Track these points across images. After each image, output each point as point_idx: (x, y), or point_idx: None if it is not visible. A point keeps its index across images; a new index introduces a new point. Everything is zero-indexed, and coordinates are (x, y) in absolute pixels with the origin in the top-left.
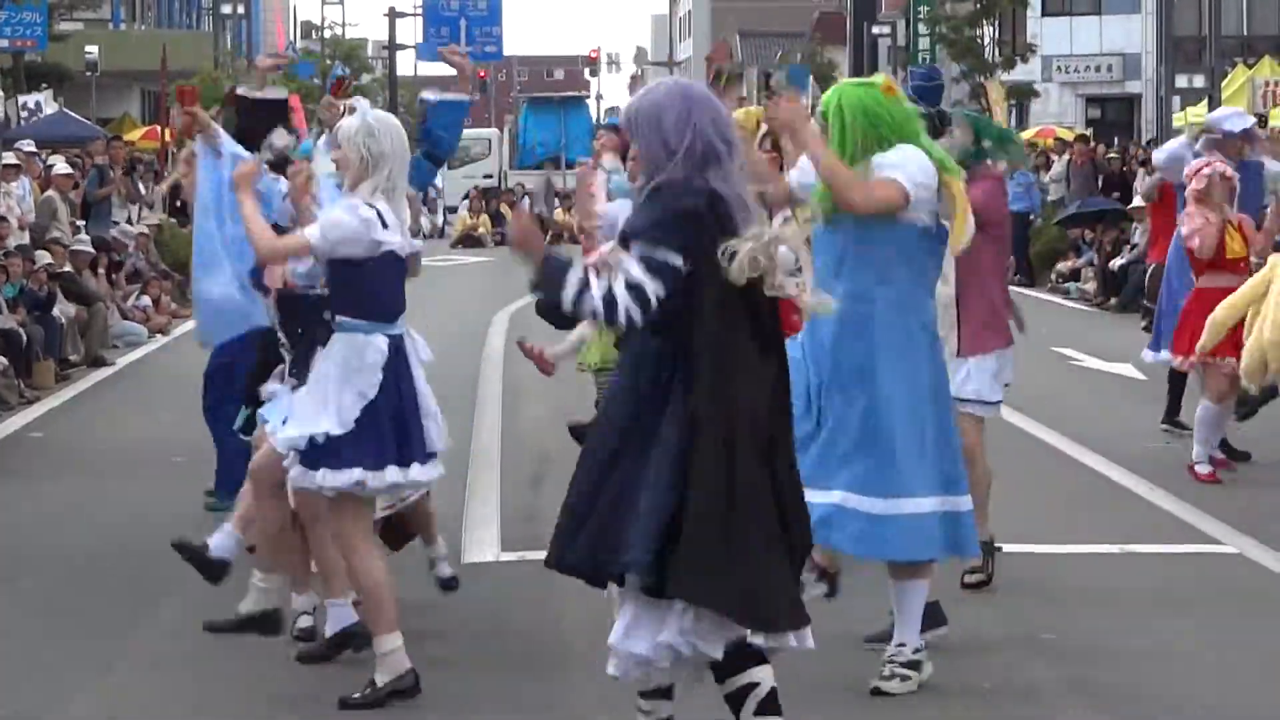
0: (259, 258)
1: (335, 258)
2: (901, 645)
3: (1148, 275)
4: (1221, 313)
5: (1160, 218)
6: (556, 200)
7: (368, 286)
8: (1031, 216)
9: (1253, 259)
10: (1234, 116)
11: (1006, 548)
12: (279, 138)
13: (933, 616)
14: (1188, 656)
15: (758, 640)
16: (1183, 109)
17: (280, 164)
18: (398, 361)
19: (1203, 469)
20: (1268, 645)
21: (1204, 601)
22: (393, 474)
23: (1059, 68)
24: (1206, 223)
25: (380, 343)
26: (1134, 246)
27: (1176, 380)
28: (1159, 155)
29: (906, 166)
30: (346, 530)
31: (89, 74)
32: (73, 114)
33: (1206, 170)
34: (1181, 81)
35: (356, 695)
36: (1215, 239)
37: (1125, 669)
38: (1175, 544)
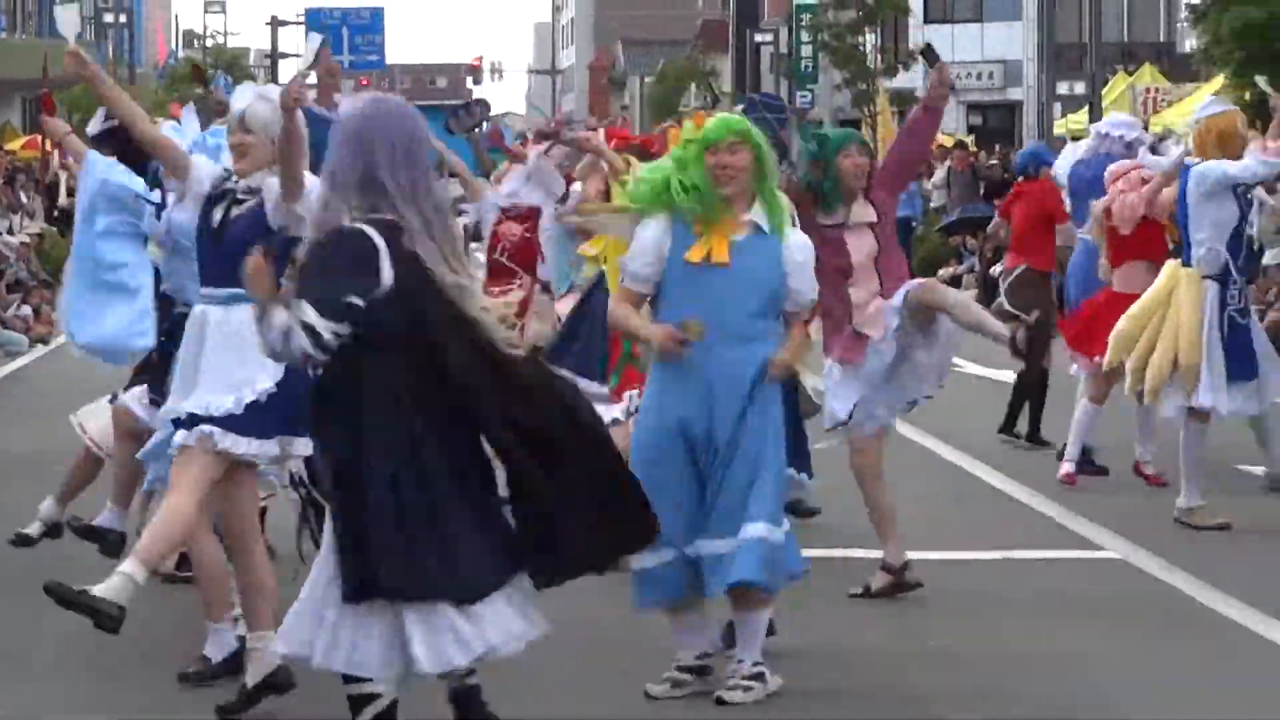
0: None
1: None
2: (741, 661)
3: (1012, 278)
4: (1126, 324)
5: (1025, 225)
6: None
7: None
8: (914, 224)
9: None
10: (1123, 125)
11: (875, 555)
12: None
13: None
14: (1073, 661)
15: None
16: (1064, 116)
17: None
18: None
19: (1068, 466)
20: (1151, 649)
21: (1087, 606)
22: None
23: None
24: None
25: None
26: None
27: (1022, 391)
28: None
29: (628, 265)
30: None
31: None
32: None
33: (1123, 182)
34: (1063, 88)
35: (232, 700)
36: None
37: (1010, 674)
38: (1057, 549)
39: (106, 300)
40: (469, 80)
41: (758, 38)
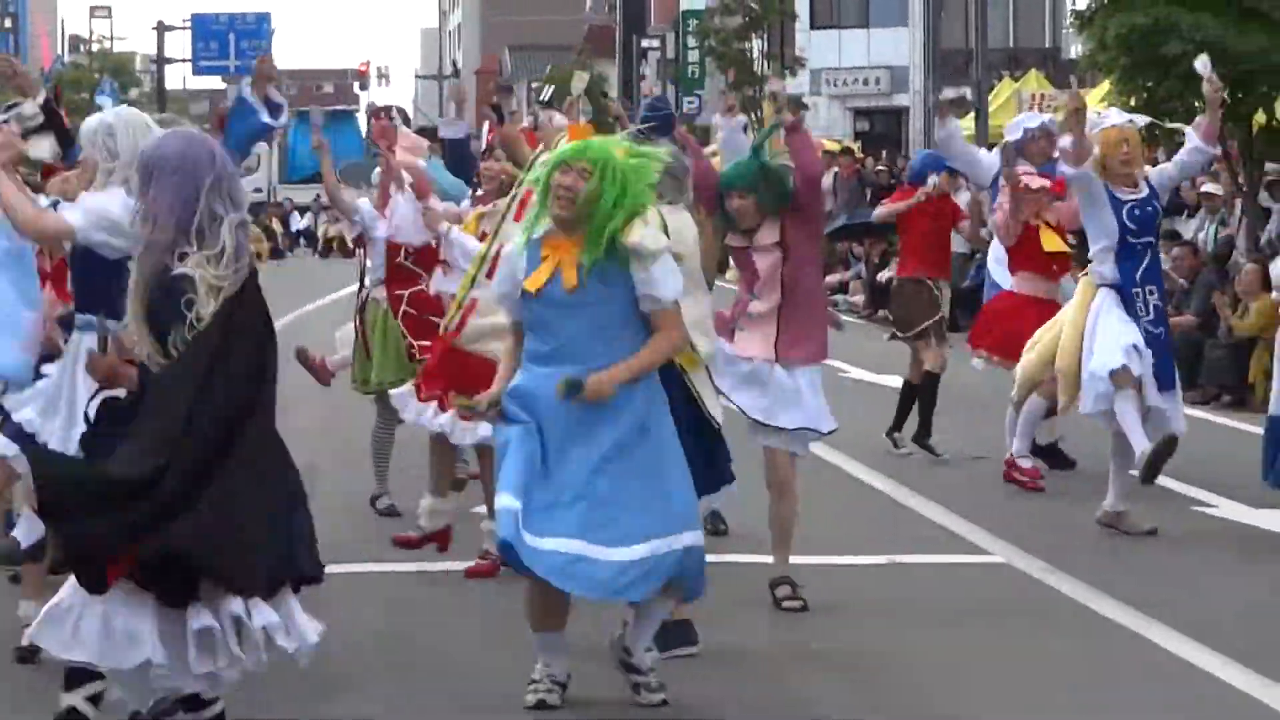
0: (19, 230)
1: (91, 247)
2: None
3: (892, 291)
4: (1064, 362)
5: (915, 232)
6: (325, 213)
7: (120, 282)
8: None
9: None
10: (1013, 125)
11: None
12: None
13: (684, 635)
14: (959, 665)
15: None
16: None
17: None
18: None
19: (1025, 462)
20: (1036, 653)
21: (972, 610)
22: None
23: (827, 80)
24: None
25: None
26: None
27: (909, 394)
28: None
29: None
30: None
31: None
32: None
33: (1029, 180)
34: (949, 94)
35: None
36: (1015, 228)
37: (899, 679)
38: (943, 554)
39: None
40: (356, 85)
41: (644, 43)
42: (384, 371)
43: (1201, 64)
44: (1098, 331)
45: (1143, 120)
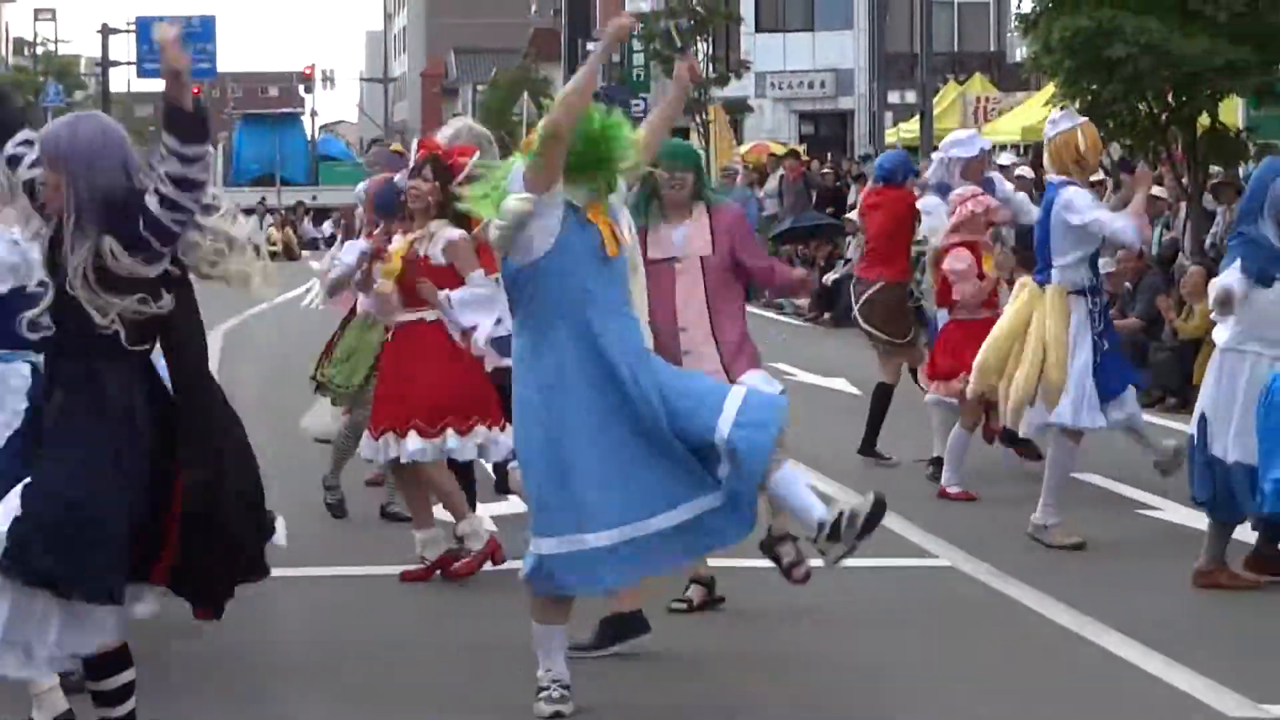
0: None
1: None
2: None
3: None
4: (990, 356)
5: (885, 236)
6: (270, 216)
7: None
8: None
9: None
10: (968, 141)
11: (714, 563)
12: None
13: (632, 625)
14: (902, 667)
15: None
16: (895, 125)
17: None
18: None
19: (954, 489)
20: (979, 656)
21: (918, 614)
22: None
23: (773, 83)
24: (969, 269)
25: (23, 369)
26: (848, 261)
27: (879, 406)
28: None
29: None
30: None
31: None
32: None
33: (972, 204)
34: (894, 98)
35: None
36: (979, 293)
37: (841, 683)
38: (888, 557)
39: None
40: (301, 89)
41: (589, 46)
42: (340, 372)
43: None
44: (1075, 371)
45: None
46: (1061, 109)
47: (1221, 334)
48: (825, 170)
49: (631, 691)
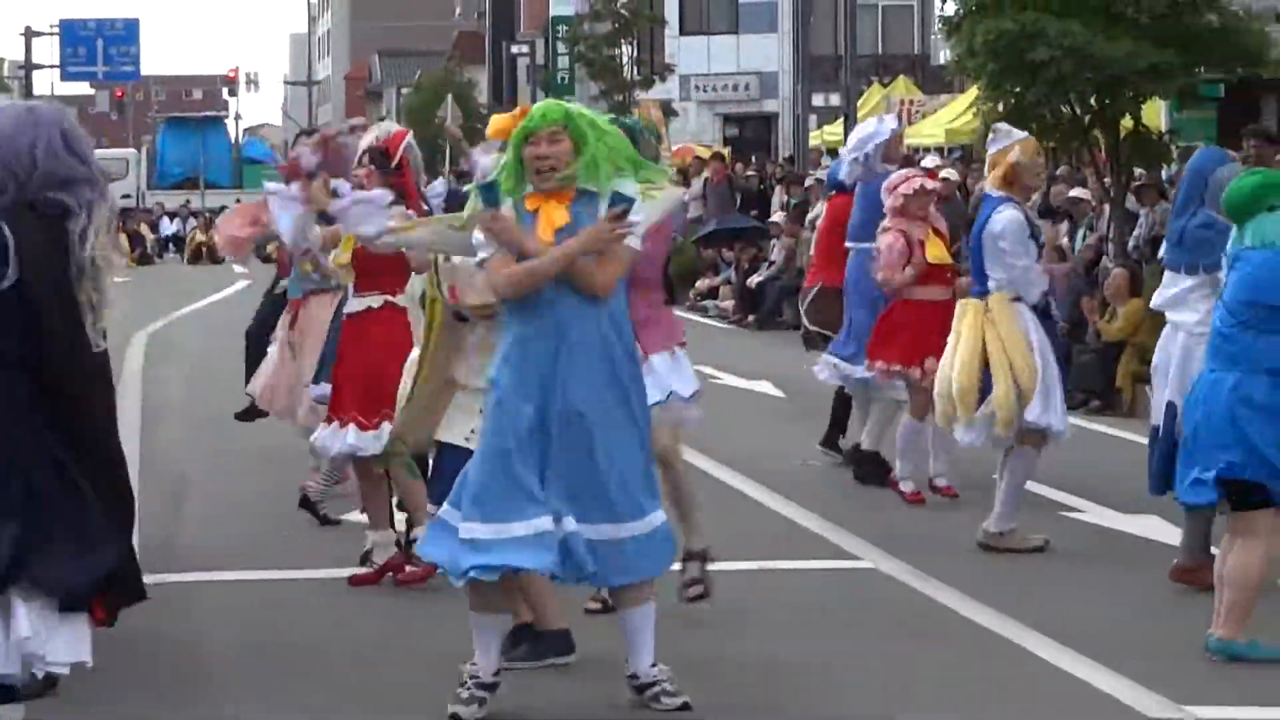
0: None
1: None
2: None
3: (812, 295)
4: (962, 380)
5: (827, 242)
6: (194, 219)
7: None
8: (674, 235)
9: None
10: (878, 128)
11: None
12: None
13: (560, 643)
14: (826, 669)
15: None
16: (819, 128)
17: None
18: None
19: (906, 487)
20: (903, 658)
21: (841, 615)
22: None
23: (697, 86)
24: (895, 240)
25: None
26: (772, 264)
27: (840, 404)
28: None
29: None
30: None
31: None
32: None
33: (904, 187)
34: (818, 100)
35: None
36: (900, 260)
37: (765, 685)
38: (812, 559)
39: None
40: (225, 91)
41: (514, 49)
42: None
43: None
44: (1047, 377)
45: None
46: (999, 124)
47: (1184, 317)
48: (750, 173)
49: (564, 696)
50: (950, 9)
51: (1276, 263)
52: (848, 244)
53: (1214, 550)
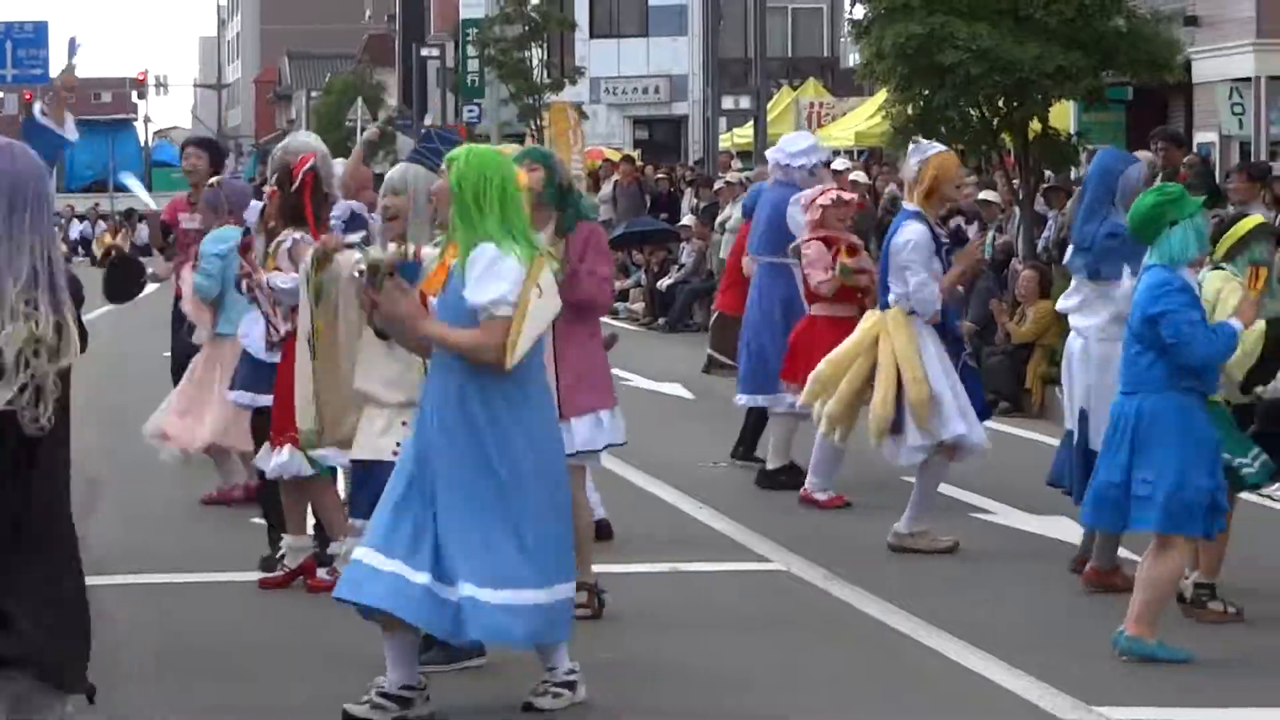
0: None
1: None
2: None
3: (713, 322)
4: (828, 368)
5: (736, 263)
6: (103, 222)
7: None
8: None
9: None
10: (811, 150)
11: None
12: None
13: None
14: (738, 672)
15: None
16: (729, 130)
17: None
18: None
19: (822, 495)
20: (814, 660)
21: (752, 618)
22: None
23: (607, 89)
24: (819, 246)
25: None
26: (681, 266)
27: (752, 415)
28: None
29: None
30: None
31: None
32: None
33: (822, 199)
34: (728, 103)
35: None
36: (824, 261)
37: (675, 687)
38: (724, 562)
39: None
40: (134, 94)
41: (424, 52)
42: None
43: None
44: (943, 392)
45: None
46: (924, 141)
47: (1087, 322)
48: (659, 176)
49: (480, 698)
50: (859, 12)
51: (1155, 279)
52: (752, 255)
53: (1124, 553)
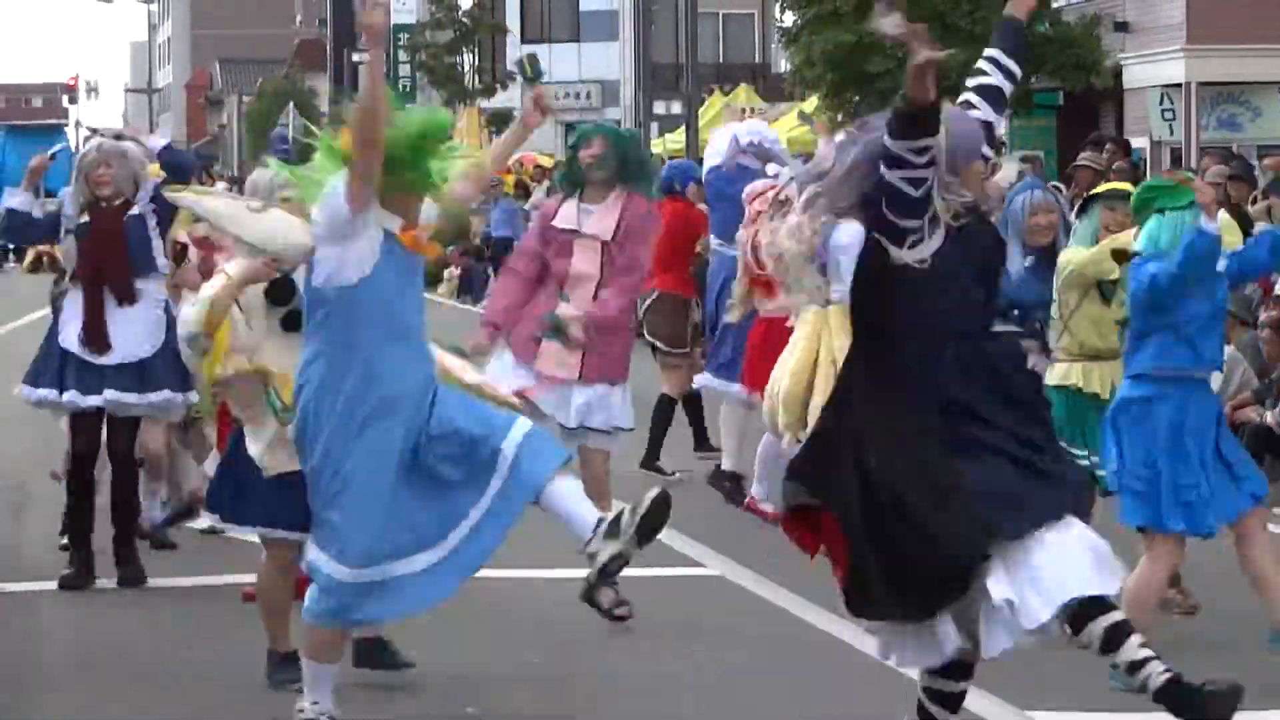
0: None
1: None
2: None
3: (650, 300)
4: (792, 384)
5: (669, 246)
6: None
7: None
8: (515, 243)
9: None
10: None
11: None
12: None
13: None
14: (672, 678)
15: None
16: (661, 135)
17: None
18: None
19: (766, 507)
20: (748, 664)
21: (686, 623)
22: None
23: None
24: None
25: None
26: None
27: (694, 408)
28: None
29: None
30: None
31: None
32: None
33: (757, 205)
34: (660, 108)
35: None
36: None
37: (612, 693)
38: (658, 567)
39: None
40: (65, 99)
41: (355, 57)
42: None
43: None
44: None
45: None
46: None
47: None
48: None
49: (409, 707)
50: (789, 19)
51: (1136, 272)
52: (714, 241)
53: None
